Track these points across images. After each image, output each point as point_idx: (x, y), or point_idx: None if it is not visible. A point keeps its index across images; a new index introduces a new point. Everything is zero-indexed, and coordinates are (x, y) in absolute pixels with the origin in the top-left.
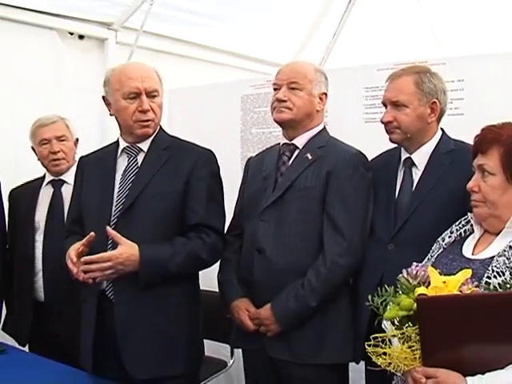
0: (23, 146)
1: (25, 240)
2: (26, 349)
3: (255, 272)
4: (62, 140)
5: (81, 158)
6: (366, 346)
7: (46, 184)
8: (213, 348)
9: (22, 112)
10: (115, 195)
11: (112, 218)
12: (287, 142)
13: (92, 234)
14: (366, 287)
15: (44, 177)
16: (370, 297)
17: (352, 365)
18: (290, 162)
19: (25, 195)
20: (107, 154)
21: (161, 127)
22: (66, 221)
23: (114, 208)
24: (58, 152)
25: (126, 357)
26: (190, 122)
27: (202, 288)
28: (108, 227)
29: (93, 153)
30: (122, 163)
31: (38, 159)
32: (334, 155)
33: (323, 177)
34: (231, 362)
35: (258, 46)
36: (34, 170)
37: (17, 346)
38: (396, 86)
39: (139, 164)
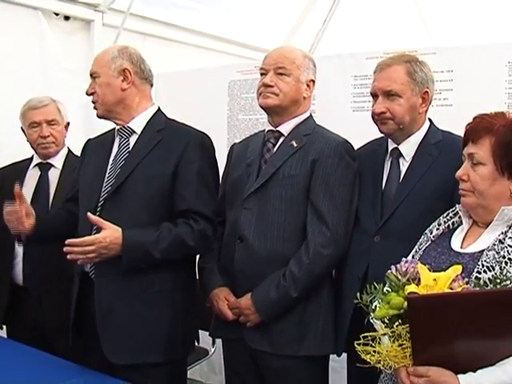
0: (6, 127)
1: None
2: (4, 334)
3: (236, 260)
4: (53, 124)
5: (88, 140)
6: (356, 345)
7: (34, 166)
8: None
9: (6, 93)
10: (106, 177)
11: (100, 200)
12: (272, 128)
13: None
14: (351, 279)
15: (32, 158)
16: (358, 294)
17: (333, 355)
18: (275, 149)
19: (11, 176)
20: (107, 137)
21: (159, 109)
22: (51, 203)
23: (103, 190)
24: (48, 136)
25: (104, 340)
26: (176, 107)
27: None
28: (89, 214)
29: (99, 135)
30: (116, 145)
31: (27, 141)
32: (319, 143)
33: (308, 165)
34: (213, 350)
35: (247, 32)
36: (17, 151)
37: None
38: (388, 76)
39: (131, 146)
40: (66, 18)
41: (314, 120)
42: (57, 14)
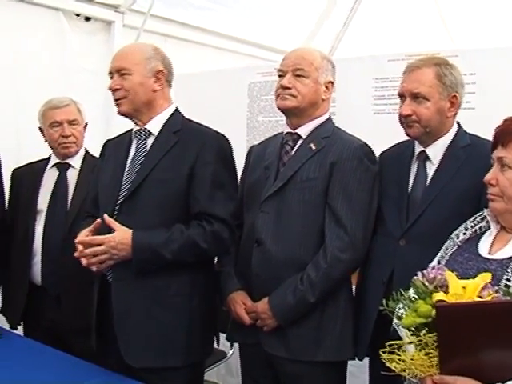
0: (26, 127)
1: (25, 222)
2: (20, 332)
3: (253, 264)
4: (74, 124)
5: (106, 141)
6: (381, 353)
7: (51, 166)
8: None
9: (26, 93)
10: (123, 180)
11: (116, 204)
12: (290, 131)
13: (99, 220)
14: (374, 283)
15: (49, 158)
16: (384, 300)
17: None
18: (293, 151)
19: (28, 176)
20: (124, 138)
21: (177, 109)
22: (70, 203)
23: (120, 193)
24: (70, 136)
25: (122, 343)
26: (195, 109)
27: None
28: (105, 215)
29: (117, 136)
30: (133, 147)
31: (46, 140)
32: (338, 146)
33: (326, 168)
34: (230, 352)
35: (267, 33)
36: (37, 151)
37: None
38: (416, 78)
39: (148, 148)
40: (87, 18)
41: (333, 122)
42: (78, 15)
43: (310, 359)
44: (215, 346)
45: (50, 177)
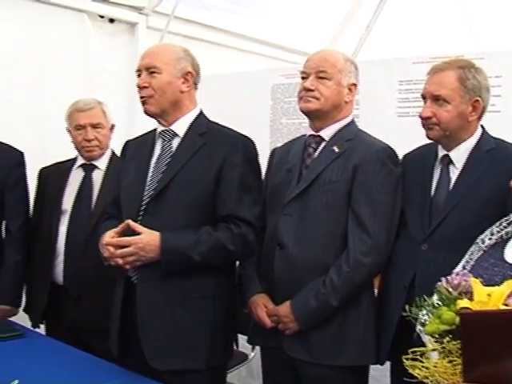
0: (50, 127)
1: (49, 222)
2: (42, 331)
3: (275, 267)
4: (98, 127)
5: (126, 141)
6: (404, 359)
7: (78, 167)
8: None
9: (50, 94)
10: (148, 181)
11: (142, 204)
12: (313, 133)
13: (127, 222)
14: (396, 288)
15: (75, 159)
16: (406, 306)
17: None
18: (316, 154)
19: (54, 176)
20: (147, 139)
21: (201, 111)
22: (94, 204)
23: (145, 193)
24: (92, 140)
25: (145, 345)
26: (218, 110)
27: None
28: (129, 220)
29: (138, 137)
30: (158, 148)
31: (72, 142)
32: (361, 149)
33: (350, 171)
34: (252, 354)
35: (290, 35)
36: (62, 151)
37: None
38: (438, 80)
39: (173, 149)
40: (111, 20)
41: (356, 125)
42: (102, 17)
43: (332, 363)
44: (236, 347)
45: (75, 177)
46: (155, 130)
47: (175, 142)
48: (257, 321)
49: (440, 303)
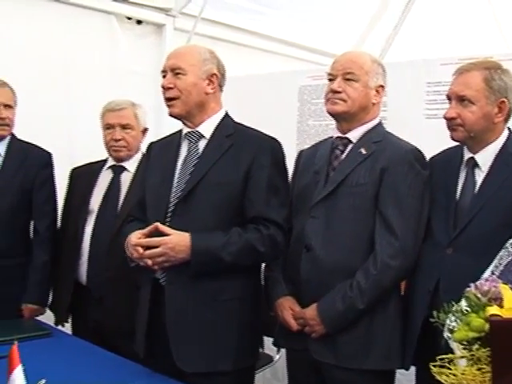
0: (78, 129)
1: (76, 221)
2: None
3: (302, 270)
4: (127, 128)
5: (150, 143)
6: (431, 366)
7: (107, 168)
8: None
9: (78, 95)
10: (175, 182)
11: (169, 206)
12: (340, 135)
13: (155, 224)
14: (420, 292)
15: (106, 160)
16: (434, 312)
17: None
18: (343, 156)
19: (84, 176)
20: (172, 140)
21: (227, 113)
22: (121, 206)
23: (172, 195)
24: (120, 140)
25: (174, 347)
26: (245, 112)
27: None
28: (158, 223)
29: (162, 138)
30: (184, 149)
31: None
32: (389, 151)
33: (377, 173)
34: (277, 356)
35: (317, 37)
36: (90, 152)
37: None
38: (464, 81)
39: (200, 151)
40: (139, 22)
41: (384, 127)
42: (129, 19)
43: (359, 367)
44: (261, 350)
45: (104, 178)
46: (180, 131)
47: (202, 144)
48: (283, 323)
49: (469, 309)
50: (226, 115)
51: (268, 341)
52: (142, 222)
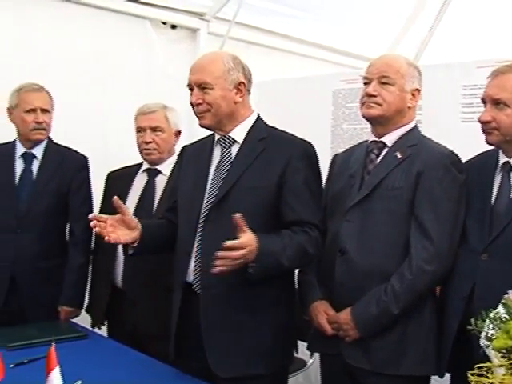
0: (113, 133)
1: None
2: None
3: (337, 274)
4: (157, 131)
5: (183, 146)
6: (469, 375)
7: (142, 172)
8: None
9: (114, 100)
10: (208, 187)
11: (203, 211)
12: (376, 139)
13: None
14: (454, 298)
15: (141, 164)
16: (472, 320)
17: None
18: (378, 160)
19: (120, 179)
20: (205, 144)
21: (259, 117)
22: (156, 209)
23: (205, 200)
24: (150, 143)
25: (210, 353)
26: (278, 116)
27: None
28: (237, 214)
29: (195, 142)
30: (216, 155)
31: None
32: (424, 155)
33: (413, 177)
34: (311, 361)
35: (350, 40)
36: (125, 156)
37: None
38: (499, 83)
39: (233, 156)
40: (173, 26)
41: (419, 130)
42: (164, 23)
43: (393, 373)
44: (295, 354)
45: (139, 181)
46: (213, 135)
47: (234, 149)
48: (317, 327)
49: (507, 317)
50: (258, 118)
51: (302, 345)
52: (174, 225)
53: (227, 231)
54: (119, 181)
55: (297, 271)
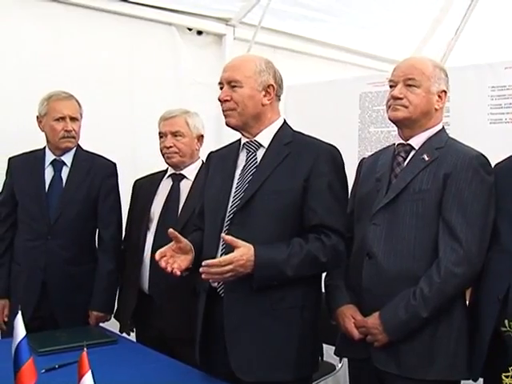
0: (141, 139)
1: (138, 230)
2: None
3: (364, 278)
4: (177, 136)
5: (210, 153)
6: (503, 377)
7: (167, 177)
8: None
9: (140, 105)
10: (233, 191)
11: (228, 215)
12: (402, 142)
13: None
14: (489, 300)
15: (167, 170)
16: (506, 322)
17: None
18: (405, 163)
19: (146, 186)
20: (231, 150)
21: (285, 121)
22: (180, 213)
23: (230, 204)
24: (170, 147)
25: (233, 357)
26: (305, 119)
27: None
28: (223, 234)
29: (221, 148)
30: (242, 159)
31: None
32: (452, 157)
33: (440, 180)
34: (340, 365)
35: (377, 43)
36: (151, 161)
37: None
38: None
39: (258, 160)
40: (199, 32)
41: (447, 133)
42: (190, 29)
43: (422, 377)
44: (324, 358)
45: (164, 187)
46: (239, 140)
47: (260, 153)
48: (344, 332)
49: None
50: (284, 123)
51: (330, 349)
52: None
53: (252, 234)
54: (145, 187)
55: (324, 275)
